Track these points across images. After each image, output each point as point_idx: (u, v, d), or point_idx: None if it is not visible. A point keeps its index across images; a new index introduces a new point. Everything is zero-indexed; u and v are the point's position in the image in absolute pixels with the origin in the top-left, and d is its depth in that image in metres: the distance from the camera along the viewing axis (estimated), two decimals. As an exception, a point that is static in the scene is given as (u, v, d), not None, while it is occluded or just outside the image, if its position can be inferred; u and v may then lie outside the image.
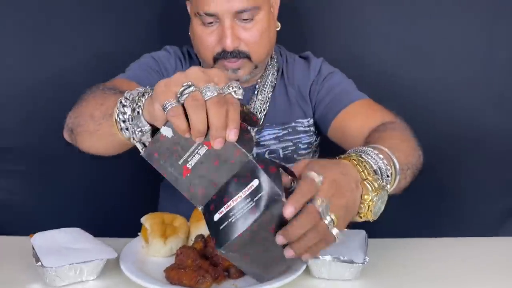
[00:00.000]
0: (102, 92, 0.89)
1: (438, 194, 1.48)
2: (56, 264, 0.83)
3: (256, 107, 1.15)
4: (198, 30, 1.08)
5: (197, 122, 0.63)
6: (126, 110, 0.74)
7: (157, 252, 0.94)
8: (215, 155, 0.67)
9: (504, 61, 1.44)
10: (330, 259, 0.87)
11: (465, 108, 1.45)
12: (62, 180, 1.45)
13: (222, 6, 1.02)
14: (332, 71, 1.19)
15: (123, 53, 1.29)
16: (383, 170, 0.80)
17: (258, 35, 1.06)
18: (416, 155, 0.94)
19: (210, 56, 1.08)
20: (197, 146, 0.68)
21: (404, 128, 1.00)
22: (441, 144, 1.45)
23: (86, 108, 0.88)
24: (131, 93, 0.75)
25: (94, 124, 0.84)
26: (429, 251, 1.02)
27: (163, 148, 0.68)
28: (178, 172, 0.69)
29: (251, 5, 1.04)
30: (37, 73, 1.42)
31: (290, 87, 1.18)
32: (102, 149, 0.88)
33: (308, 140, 1.19)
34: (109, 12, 1.43)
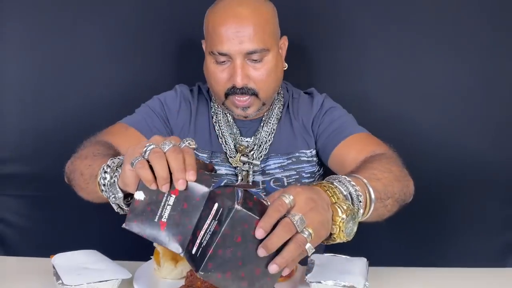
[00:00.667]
0: (93, 150, 1.02)
1: (440, 226, 1.53)
2: (75, 283, 0.88)
3: (261, 137, 1.23)
4: (211, 67, 1.17)
5: (160, 169, 0.74)
6: (106, 176, 0.86)
7: (169, 274, 0.99)
8: (183, 199, 0.76)
9: (502, 96, 1.50)
10: (332, 284, 0.91)
11: (465, 143, 1.51)
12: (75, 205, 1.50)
13: (234, 47, 1.11)
14: (333, 106, 1.26)
15: (141, 89, 1.39)
16: (353, 195, 0.84)
17: (266, 74, 1.15)
18: (400, 185, 0.98)
19: (222, 91, 1.17)
20: (166, 198, 0.76)
21: (392, 159, 1.04)
22: (443, 178, 1.51)
23: (78, 166, 1.02)
24: (113, 161, 0.86)
25: (84, 182, 0.98)
26: (429, 280, 1.06)
27: (139, 212, 0.77)
28: (157, 229, 0.77)
29: (261, 47, 1.12)
30: (52, 107, 1.52)
31: (294, 120, 1.26)
32: (91, 199, 1.01)
33: (311, 170, 1.25)
34: (129, 49, 1.53)
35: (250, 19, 1.11)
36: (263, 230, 0.71)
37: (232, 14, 1.11)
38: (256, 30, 1.11)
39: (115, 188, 0.84)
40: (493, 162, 1.51)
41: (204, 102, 1.29)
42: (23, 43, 1.52)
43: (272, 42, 1.15)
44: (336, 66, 1.53)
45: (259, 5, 1.15)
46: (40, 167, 1.52)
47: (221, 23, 1.12)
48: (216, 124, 1.25)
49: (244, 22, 1.11)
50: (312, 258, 1.01)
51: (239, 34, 1.11)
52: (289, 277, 1.00)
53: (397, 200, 0.98)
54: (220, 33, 1.12)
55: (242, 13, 1.12)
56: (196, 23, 1.23)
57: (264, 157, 1.23)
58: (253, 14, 1.12)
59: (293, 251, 0.73)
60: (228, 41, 1.11)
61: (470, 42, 1.49)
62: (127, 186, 0.81)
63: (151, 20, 1.52)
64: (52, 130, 1.52)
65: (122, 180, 0.81)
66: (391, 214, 0.98)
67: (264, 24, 1.13)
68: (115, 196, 0.84)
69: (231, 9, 1.12)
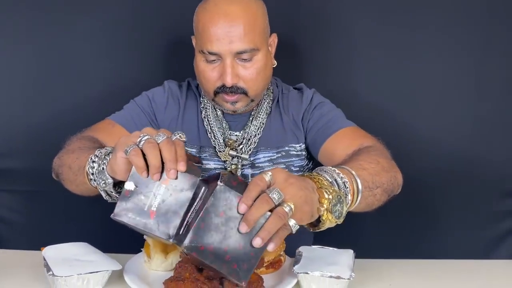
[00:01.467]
0: (79, 145, 1.07)
1: (428, 220, 1.56)
2: (65, 274, 0.90)
3: (250, 132, 1.24)
4: (201, 66, 1.18)
5: (153, 159, 0.79)
6: (94, 165, 0.90)
7: (159, 266, 1.01)
8: (173, 188, 0.80)
9: (492, 93, 1.53)
10: (319, 275, 0.93)
11: (454, 138, 1.54)
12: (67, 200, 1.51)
13: (224, 47, 1.12)
14: (322, 101, 1.28)
15: (132, 85, 1.40)
16: (339, 182, 0.88)
17: (255, 73, 1.16)
18: (388, 176, 1.01)
19: (212, 89, 1.18)
20: (156, 188, 0.80)
21: (379, 151, 1.07)
22: (431, 172, 1.54)
23: (65, 160, 1.06)
24: (101, 151, 0.91)
25: (72, 174, 1.01)
26: (415, 272, 1.08)
27: (128, 202, 0.81)
28: (146, 217, 0.80)
29: (250, 47, 1.13)
30: (44, 103, 1.53)
31: (284, 114, 1.27)
32: (80, 192, 1.05)
33: (300, 164, 1.27)
34: (120, 46, 1.54)
35: (240, 18, 1.12)
36: (245, 205, 0.77)
37: (222, 13, 1.11)
38: (246, 30, 1.12)
39: (105, 174, 0.87)
40: (481, 158, 1.54)
41: (193, 98, 1.30)
42: (14, 38, 1.52)
43: (262, 41, 1.16)
44: (326, 63, 1.55)
45: (249, 3, 1.15)
46: (31, 162, 1.53)
47: (211, 22, 1.12)
48: (205, 119, 1.26)
49: (234, 21, 1.11)
50: (300, 250, 1.03)
51: (229, 34, 1.11)
52: (277, 268, 1.02)
53: (386, 190, 1.00)
54: (210, 33, 1.12)
55: (232, 12, 1.12)
56: (186, 19, 1.24)
57: (253, 150, 1.24)
58: (243, 13, 1.12)
59: (274, 223, 0.77)
60: (218, 41, 1.11)
61: (460, 40, 1.51)
62: (115, 173, 0.84)
63: (141, 16, 1.53)
64: (43, 125, 1.52)
65: (111, 167, 0.85)
66: (380, 204, 1.00)
67: (254, 23, 1.14)
68: (105, 182, 0.88)
69: (221, 8, 1.12)
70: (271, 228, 0.77)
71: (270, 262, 1.01)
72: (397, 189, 1.07)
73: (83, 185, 0.97)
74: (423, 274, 1.07)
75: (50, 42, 1.52)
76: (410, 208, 1.47)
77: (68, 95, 1.53)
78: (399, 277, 1.05)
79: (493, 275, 1.10)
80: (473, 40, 1.52)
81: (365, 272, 1.02)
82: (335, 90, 1.44)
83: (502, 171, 1.54)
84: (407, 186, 1.10)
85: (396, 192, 1.06)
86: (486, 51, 1.52)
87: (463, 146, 1.54)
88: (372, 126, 1.27)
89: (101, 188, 0.90)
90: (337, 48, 1.54)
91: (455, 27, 1.51)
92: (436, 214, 1.56)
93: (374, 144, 1.11)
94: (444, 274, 1.08)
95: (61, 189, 1.49)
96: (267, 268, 1.01)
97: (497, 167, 1.54)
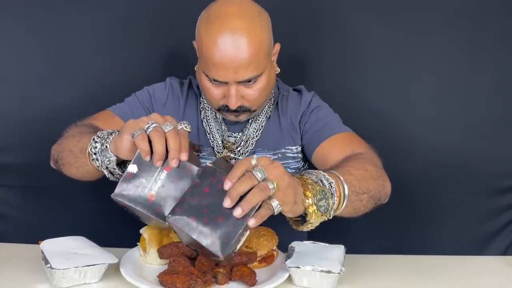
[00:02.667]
0: (80, 130, 1.10)
1: (422, 218, 1.59)
2: (63, 267, 0.92)
3: (249, 134, 1.25)
4: (205, 83, 1.14)
5: (159, 146, 0.85)
6: (97, 145, 0.96)
7: (154, 260, 1.03)
8: (173, 175, 0.87)
9: (484, 94, 1.56)
10: (310, 269, 0.96)
11: (449, 138, 1.57)
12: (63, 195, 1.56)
13: (229, 76, 1.09)
14: (320, 104, 1.29)
15: (131, 81, 1.41)
16: (325, 182, 0.92)
17: (258, 93, 1.14)
18: (376, 183, 1.03)
19: (215, 105, 1.17)
20: (158, 173, 0.86)
21: (369, 160, 1.08)
22: (425, 171, 1.57)
23: (66, 145, 1.09)
24: (102, 132, 0.97)
25: (73, 157, 1.05)
26: (405, 267, 1.11)
27: (130, 183, 0.87)
28: (145, 200, 0.86)
29: (255, 74, 1.10)
30: (41, 99, 1.55)
31: (283, 117, 1.28)
32: (80, 175, 1.08)
33: (296, 165, 1.28)
34: (118, 42, 1.56)
35: (246, 50, 1.07)
36: (229, 181, 0.82)
37: (228, 43, 1.06)
38: (251, 61, 1.08)
39: (108, 152, 0.94)
40: (474, 156, 1.57)
41: (193, 97, 1.30)
42: (12, 34, 1.53)
43: (266, 64, 1.13)
44: (325, 65, 1.57)
45: (254, 26, 1.09)
46: (28, 157, 1.54)
47: (215, 50, 1.07)
48: (204, 119, 1.27)
49: (240, 54, 1.06)
50: (292, 245, 1.06)
51: (234, 65, 1.07)
52: (270, 263, 1.05)
53: (373, 197, 1.02)
54: (215, 61, 1.08)
55: (238, 43, 1.06)
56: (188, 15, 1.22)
57: (250, 152, 1.26)
58: (249, 43, 1.07)
59: (256, 194, 0.81)
60: (223, 71, 1.08)
61: (452, 41, 1.54)
62: (119, 152, 0.91)
63: (141, 12, 1.54)
64: (40, 120, 1.53)
65: (116, 146, 0.91)
66: (366, 211, 1.02)
67: (259, 50, 1.09)
68: (108, 159, 0.94)
69: (226, 35, 1.06)
70: (252, 199, 0.81)
71: (263, 256, 1.03)
72: (385, 198, 1.08)
73: (83, 167, 1.01)
74: (413, 269, 1.10)
75: (47, 37, 1.53)
76: (402, 206, 1.49)
77: (66, 90, 1.54)
78: (389, 272, 1.08)
79: (484, 271, 1.12)
80: (465, 40, 1.54)
81: (356, 267, 1.05)
82: (331, 91, 1.45)
83: (494, 169, 1.57)
84: (400, 183, 1.13)
85: (383, 201, 1.08)
86: (478, 52, 1.54)
87: (455, 144, 1.57)
88: (366, 125, 1.30)
89: (104, 166, 0.96)
90: (332, 50, 1.57)
91: (447, 28, 1.53)
92: (429, 211, 1.58)
93: (366, 151, 1.13)
94: (435, 269, 1.10)
95: (57, 184, 1.53)
96: (260, 263, 1.03)
97: (489, 165, 1.57)
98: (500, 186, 1.58)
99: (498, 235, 1.59)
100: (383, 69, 1.56)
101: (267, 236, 1.05)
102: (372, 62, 1.56)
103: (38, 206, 1.57)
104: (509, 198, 1.58)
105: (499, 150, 1.56)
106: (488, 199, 1.58)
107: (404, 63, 1.56)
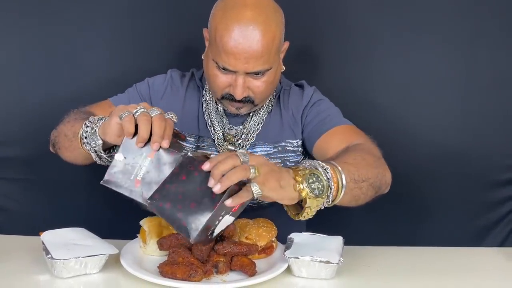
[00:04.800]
0: (76, 116, 1.14)
1: (419, 210, 1.60)
2: (64, 257, 0.93)
3: (250, 127, 1.26)
4: (213, 70, 1.15)
5: (144, 131, 0.89)
6: (87, 129, 1.00)
7: (154, 251, 1.04)
8: (157, 161, 0.91)
9: (480, 90, 1.57)
10: (309, 260, 0.97)
11: (446, 132, 1.58)
12: (64, 187, 1.57)
13: (239, 65, 1.10)
14: (321, 98, 1.30)
15: (129, 74, 1.42)
16: (318, 167, 0.93)
17: (264, 86, 1.15)
18: (375, 171, 1.03)
19: (220, 93, 1.18)
20: (143, 160, 0.91)
21: (367, 149, 1.09)
22: (423, 164, 1.58)
23: (62, 130, 1.14)
24: (94, 118, 1.01)
25: (67, 141, 1.10)
26: (403, 258, 1.12)
27: (117, 171, 0.92)
28: (132, 185, 0.91)
29: (265, 68, 1.12)
30: (40, 92, 1.55)
31: (284, 110, 1.29)
32: (74, 159, 1.13)
33: (295, 159, 1.29)
34: (117, 35, 1.56)
35: (260, 41, 1.08)
36: (209, 163, 0.86)
37: (242, 33, 1.08)
38: (263, 53, 1.10)
39: (96, 136, 0.98)
40: (471, 150, 1.58)
41: (195, 89, 1.31)
42: (11, 26, 1.52)
43: (275, 58, 1.15)
44: (326, 60, 1.58)
45: (270, 21, 1.11)
46: (27, 150, 1.54)
47: (229, 39, 1.08)
48: (206, 112, 1.27)
49: (252, 44, 1.08)
50: (291, 236, 1.07)
51: (246, 55, 1.09)
52: (269, 254, 1.06)
53: (372, 185, 1.03)
54: (227, 49, 1.09)
55: (252, 34, 1.08)
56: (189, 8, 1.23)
57: (251, 144, 1.27)
58: (263, 35, 1.09)
59: (237, 172, 0.85)
60: (235, 60, 1.10)
61: (448, 35, 1.54)
62: (106, 135, 0.95)
63: (141, 5, 1.54)
64: (39, 113, 1.53)
65: (104, 129, 0.96)
66: (367, 199, 1.03)
67: (272, 45, 1.11)
68: (95, 142, 0.98)
69: (242, 26, 1.08)
70: (232, 176, 0.84)
71: (262, 248, 1.04)
72: (385, 187, 1.09)
73: (76, 150, 1.05)
74: (411, 261, 1.11)
75: (47, 30, 1.53)
76: (400, 198, 1.50)
77: (64, 83, 1.54)
78: (387, 263, 1.09)
79: (481, 262, 1.13)
80: (461, 35, 1.54)
81: (354, 258, 1.06)
82: (330, 85, 1.46)
83: (492, 162, 1.58)
84: (398, 176, 1.13)
85: (384, 190, 1.09)
86: (474, 46, 1.55)
87: (453, 138, 1.58)
88: (365, 119, 1.30)
89: (93, 150, 1.00)
90: (332, 45, 1.57)
91: (443, 23, 1.54)
92: (426, 204, 1.59)
93: (364, 142, 1.14)
94: (433, 261, 1.11)
95: (57, 177, 1.54)
96: (259, 253, 1.04)
97: (487, 158, 1.58)
98: (498, 179, 1.59)
99: (495, 228, 1.60)
100: (383, 64, 1.57)
101: (267, 228, 1.06)
102: (372, 57, 1.57)
103: (37, 199, 1.57)
104: (507, 191, 1.59)
105: (497, 143, 1.57)
106: (485, 192, 1.59)
107: (404, 58, 1.56)
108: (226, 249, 0.98)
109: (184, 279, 0.91)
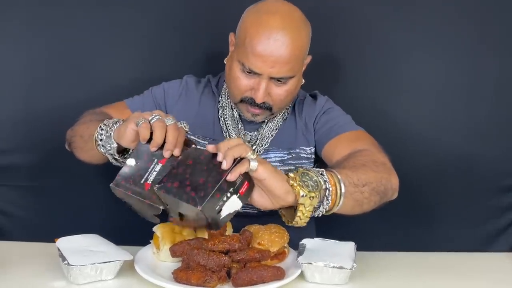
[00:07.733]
0: (91, 118, 1.18)
1: (427, 216, 1.61)
2: (80, 263, 0.94)
3: (264, 133, 1.28)
4: (236, 72, 1.18)
5: (159, 136, 0.94)
6: (102, 132, 1.04)
7: (167, 258, 1.04)
8: (168, 167, 0.95)
9: (486, 95, 1.58)
10: (322, 265, 0.97)
11: (454, 137, 1.59)
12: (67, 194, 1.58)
13: (265, 69, 1.13)
14: (332, 107, 1.32)
15: (136, 82, 1.44)
16: (313, 171, 0.96)
17: (285, 95, 1.18)
18: (377, 176, 1.04)
19: (239, 96, 1.20)
20: (153, 166, 0.96)
21: (370, 155, 1.10)
22: (432, 169, 1.59)
23: (78, 131, 1.18)
24: (109, 121, 1.05)
25: (83, 142, 1.14)
26: (414, 264, 1.12)
27: (127, 175, 0.96)
28: (142, 188, 0.95)
29: (289, 75, 1.15)
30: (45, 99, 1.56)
31: (298, 118, 1.31)
32: (89, 159, 1.17)
33: (309, 166, 1.30)
34: (125, 42, 1.57)
35: (288, 47, 1.11)
36: (214, 146, 0.92)
37: (273, 38, 1.10)
38: (289, 60, 1.12)
39: (110, 139, 1.02)
40: (477, 155, 1.59)
41: (210, 95, 1.32)
42: (17, 33, 1.53)
43: (299, 68, 1.18)
44: (336, 72, 1.59)
45: (300, 30, 1.14)
46: (33, 157, 1.56)
47: (259, 42, 1.11)
48: (222, 118, 1.29)
49: (281, 49, 1.11)
50: (303, 242, 1.07)
51: (273, 59, 1.11)
52: (281, 260, 1.06)
53: (376, 190, 1.03)
54: (255, 53, 1.12)
55: (283, 40, 1.11)
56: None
57: (265, 150, 1.28)
58: (292, 43, 1.11)
59: (240, 147, 0.91)
60: (262, 62, 1.12)
61: (454, 40, 1.56)
62: (121, 140, 0.99)
63: (148, 11, 1.55)
64: (44, 121, 1.55)
65: (119, 134, 0.99)
66: (372, 204, 1.04)
67: (299, 54, 1.14)
68: (110, 146, 1.02)
69: (273, 31, 1.11)
70: (234, 152, 0.90)
71: (275, 253, 1.05)
72: (392, 193, 1.09)
73: (91, 151, 1.09)
74: (422, 266, 1.11)
75: (52, 36, 1.54)
76: (409, 204, 1.51)
77: (70, 90, 1.56)
78: (398, 268, 1.09)
79: (490, 267, 1.14)
80: (467, 40, 1.56)
81: (365, 263, 1.07)
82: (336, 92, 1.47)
83: (500, 167, 1.59)
84: (407, 182, 1.14)
85: (391, 196, 1.09)
86: (482, 50, 1.56)
87: (459, 144, 1.59)
88: (370, 124, 1.31)
89: (107, 152, 1.04)
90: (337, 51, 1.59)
91: (450, 27, 1.55)
92: (435, 210, 1.60)
93: (368, 148, 1.15)
94: (443, 266, 1.12)
95: (69, 184, 1.55)
96: (271, 259, 1.04)
97: (495, 163, 1.59)
98: (506, 184, 1.60)
99: (504, 232, 1.61)
100: (387, 68, 1.58)
101: (279, 233, 1.07)
102: (376, 62, 1.58)
103: (41, 206, 1.58)
104: (515, 196, 1.60)
105: (504, 148, 1.58)
106: (494, 197, 1.60)
107: (409, 62, 1.58)
108: (239, 256, 0.98)
109: (199, 285, 0.92)
